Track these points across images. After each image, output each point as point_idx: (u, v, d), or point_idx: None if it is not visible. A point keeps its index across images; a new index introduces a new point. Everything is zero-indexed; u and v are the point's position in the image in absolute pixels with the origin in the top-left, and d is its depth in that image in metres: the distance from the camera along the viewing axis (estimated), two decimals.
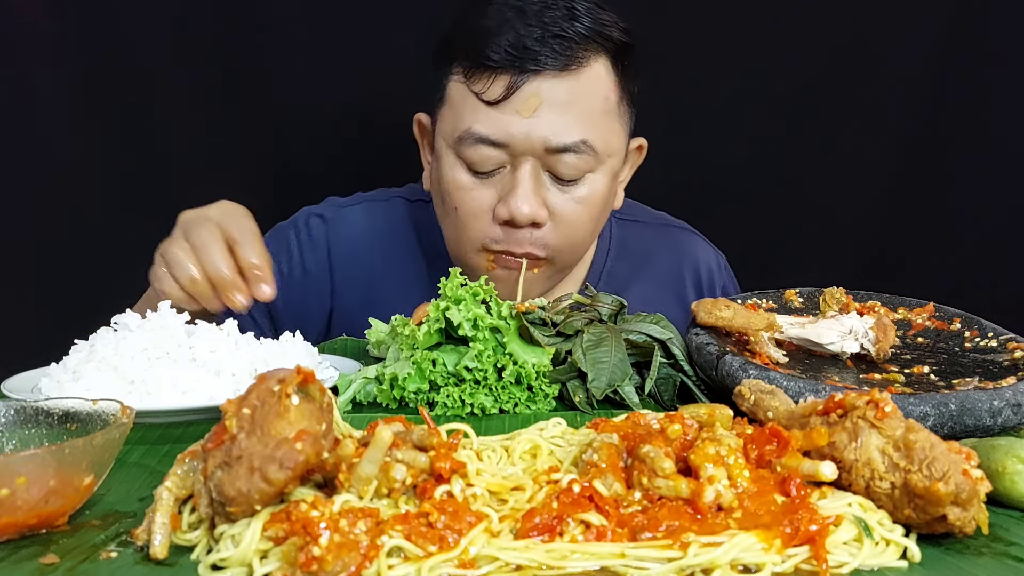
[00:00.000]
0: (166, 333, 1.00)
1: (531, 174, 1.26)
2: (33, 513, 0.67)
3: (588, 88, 1.26)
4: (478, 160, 1.26)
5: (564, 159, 1.25)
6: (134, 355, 0.96)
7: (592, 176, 1.30)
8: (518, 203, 1.25)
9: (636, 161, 1.47)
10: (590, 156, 1.27)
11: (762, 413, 0.79)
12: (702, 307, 1.09)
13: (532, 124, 1.23)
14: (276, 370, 0.67)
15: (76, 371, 0.96)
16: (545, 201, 1.28)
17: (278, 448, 0.62)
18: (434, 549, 0.60)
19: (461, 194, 1.29)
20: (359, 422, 0.90)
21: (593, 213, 1.32)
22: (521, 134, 1.23)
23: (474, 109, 1.25)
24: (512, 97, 1.23)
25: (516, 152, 1.25)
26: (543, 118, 1.23)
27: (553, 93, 1.24)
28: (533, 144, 1.24)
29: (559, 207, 1.29)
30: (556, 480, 0.69)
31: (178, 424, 0.97)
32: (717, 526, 0.63)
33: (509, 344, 1.03)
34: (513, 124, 1.23)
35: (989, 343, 1.12)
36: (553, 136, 1.24)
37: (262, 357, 1.02)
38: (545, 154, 1.25)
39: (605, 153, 1.30)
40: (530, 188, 1.25)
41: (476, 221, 1.30)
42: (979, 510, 0.66)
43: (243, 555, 0.61)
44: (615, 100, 1.31)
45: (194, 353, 0.98)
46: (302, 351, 1.09)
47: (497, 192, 1.28)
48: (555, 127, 1.24)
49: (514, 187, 1.26)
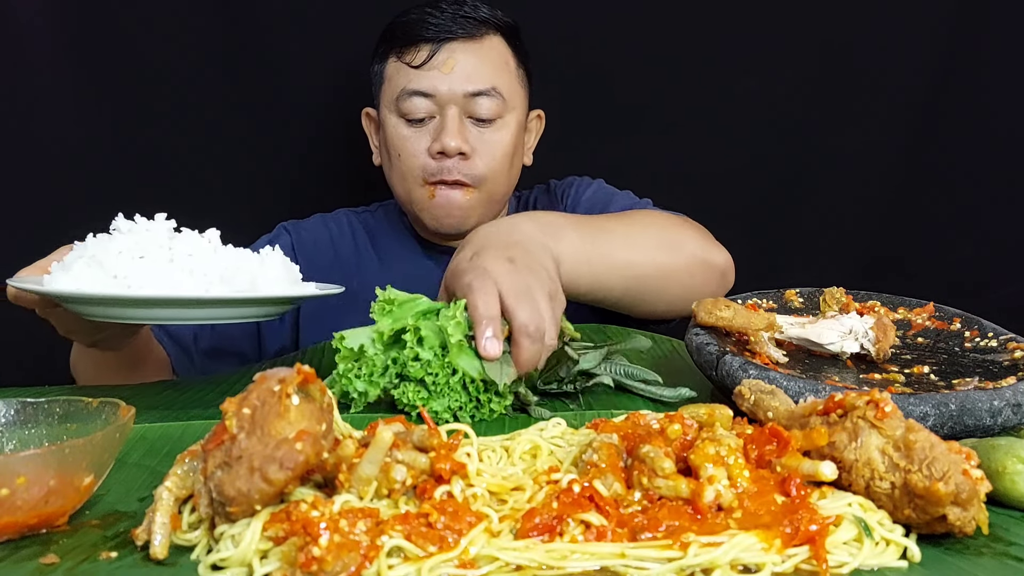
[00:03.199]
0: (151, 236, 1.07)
1: (455, 116, 1.57)
2: (33, 513, 0.67)
3: (491, 53, 1.61)
4: (412, 110, 1.58)
5: (480, 102, 1.57)
6: (120, 251, 1.03)
7: (502, 120, 1.61)
8: (447, 138, 1.55)
9: (538, 130, 1.78)
10: (500, 101, 1.59)
11: (762, 413, 0.79)
12: (702, 307, 1.09)
13: (451, 78, 1.56)
14: (276, 370, 0.67)
15: (68, 265, 1.04)
16: (469, 139, 1.58)
17: (278, 448, 0.62)
18: (434, 549, 0.60)
19: (402, 142, 1.60)
20: (359, 422, 0.90)
21: (507, 151, 1.62)
22: (444, 85, 1.56)
23: (407, 74, 1.59)
24: (433, 59, 1.57)
25: (441, 101, 1.57)
26: (459, 73, 1.57)
27: (464, 55, 1.58)
28: (454, 92, 1.56)
29: (480, 143, 1.59)
30: (556, 480, 0.69)
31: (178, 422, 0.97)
32: (717, 526, 0.63)
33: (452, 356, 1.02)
34: (436, 78, 1.56)
35: (989, 343, 1.12)
36: (469, 84, 1.56)
37: (236, 263, 1.08)
38: (464, 100, 1.57)
39: (510, 102, 1.62)
40: (455, 127, 1.56)
41: (415, 160, 1.60)
42: (979, 510, 0.66)
43: (243, 555, 0.61)
44: (513, 65, 1.64)
45: (173, 255, 1.05)
46: (279, 263, 1.12)
47: (430, 136, 1.59)
48: (470, 77, 1.57)
49: (443, 127, 1.57)
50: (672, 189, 1.94)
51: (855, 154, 2.00)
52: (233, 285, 1.05)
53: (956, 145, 1.98)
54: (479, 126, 1.59)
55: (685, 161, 1.98)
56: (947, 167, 2.00)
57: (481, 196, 1.62)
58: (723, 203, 2.01)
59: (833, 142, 2.00)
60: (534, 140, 1.78)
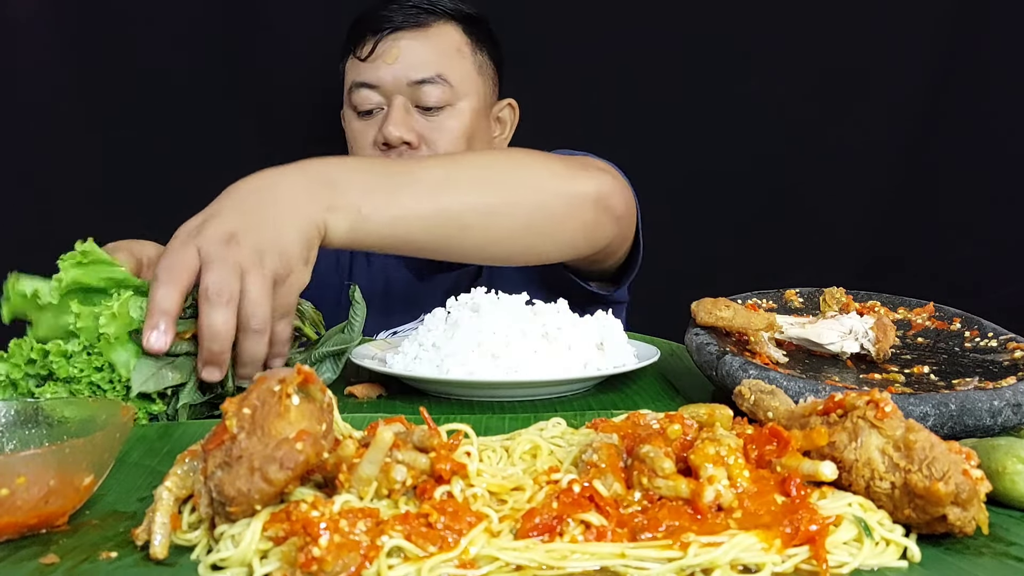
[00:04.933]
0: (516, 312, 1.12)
1: (400, 106, 1.58)
2: (33, 513, 0.67)
3: (439, 40, 1.61)
4: (360, 102, 1.60)
5: (426, 90, 1.58)
6: (495, 331, 1.08)
7: (453, 108, 1.60)
8: (389, 127, 1.56)
9: (513, 120, 1.78)
10: (447, 88, 1.59)
11: (762, 413, 0.79)
12: (702, 307, 1.09)
13: (396, 67, 1.59)
14: (276, 370, 0.67)
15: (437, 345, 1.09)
16: (415, 128, 1.58)
17: (278, 448, 0.62)
18: (434, 549, 0.60)
19: (354, 134, 1.64)
20: (359, 422, 0.90)
21: (459, 138, 1.61)
22: (388, 75, 1.59)
23: (356, 67, 1.63)
24: (377, 50, 1.59)
25: (386, 91, 1.59)
26: (403, 62, 1.59)
27: (410, 44, 1.59)
28: (398, 81, 1.58)
29: (428, 132, 1.59)
30: (556, 480, 0.69)
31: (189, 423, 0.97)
32: (717, 526, 0.62)
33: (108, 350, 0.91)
34: (381, 69, 1.59)
35: (989, 343, 1.12)
36: (413, 72, 1.58)
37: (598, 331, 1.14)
38: (409, 89, 1.58)
39: (461, 89, 1.61)
40: (399, 116, 1.57)
41: (363, 151, 1.62)
42: (979, 510, 0.66)
43: (243, 555, 0.61)
44: (468, 52, 1.64)
45: (545, 330, 1.10)
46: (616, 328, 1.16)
47: (378, 126, 1.60)
48: (414, 66, 1.58)
49: (387, 116, 1.59)
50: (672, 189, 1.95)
51: (855, 154, 2.00)
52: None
53: (956, 145, 1.98)
54: (427, 115, 1.59)
55: (685, 161, 1.99)
56: (947, 167, 2.00)
57: None
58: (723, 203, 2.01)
59: (833, 142, 2.00)
60: (509, 131, 1.78)
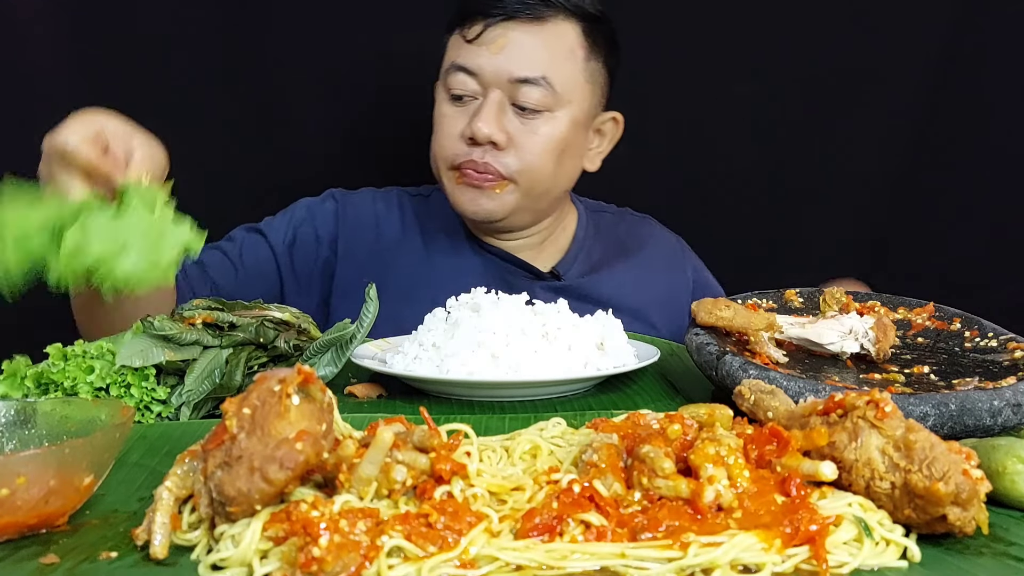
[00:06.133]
0: (516, 312, 1.12)
1: (495, 101, 1.46)
2: (33, 513, 0.67)
3: (553, 39, 1.48)
4: (455, 85, 1.49)
5: (526, 91, 1.46)
6: (495, 331, 1.08)
7: (551, 115, 1.49)
8: (479, 123, 1.45)
9: (614, 135, 1.65)
10: (550, 93, 1.47)
11: (762, 413, 0.79)
12: (702, 307, 1.09)
13: (499, 59, 1.46)
14: (276, 370, 0.67)
15: (437, 344, 1.10)
16: (506, 128, 1.47)
17: (278, 448, 0.62)
18: (434, 549, 0.60)
19: (441, 119, 1.52)
20: (359, 422, 0.90)
21: (551, 148, 1.50)
22: (489, 65, 1.46)
23: (459, 47, 1.50)
24: (484, 35, 1.46)
25: (485, 82, 1.47)
26: (509, 55, 1.46)
27: (519, 37, 1.46)
28: (499, 74, 1.46)
29: (519, 135, 1.48)
30: (556, 480, 0.69)
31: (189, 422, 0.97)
32: (717, 526, 0.63)
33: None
34: (483, 57, 1.46)
35: (989, 343, 1.12)
36: (517, 69, 1.46)
37: (598, 331, 1.15)
38: (510, 85, 1.46)
39: (565, 96, 1.49)
40: (492, 113, 1.46)
41: (447, 140, 1.51)
42: (979, 510, 0.66)
43: (243, 555, 0.61)
44: (582, 56, 1.51)
45: (545, 330, 1.11)
46: (616, 328, 1.17)
47: (467, 118, 1.49)
48: (519, 62, 1.46)
49: (480, 109, 1.47)
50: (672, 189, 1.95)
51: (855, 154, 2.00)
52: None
53: (956, 145, 1.98)
54: (522, 115, 1.48)
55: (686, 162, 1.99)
56: (947, 167, 2.00)
57: (518, 192, 1.51)
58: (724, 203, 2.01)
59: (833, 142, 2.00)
60: (607, 145, 1.65)
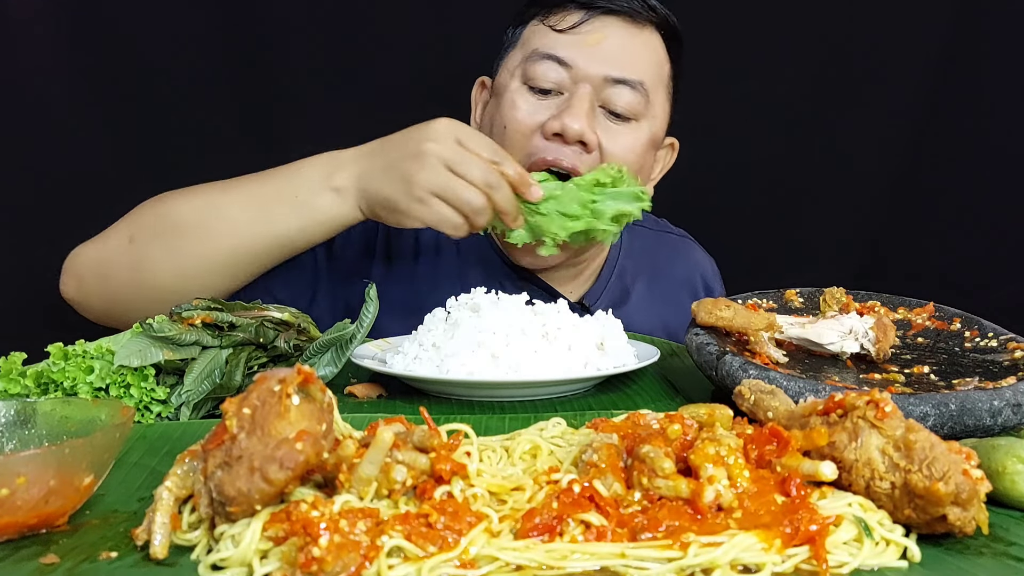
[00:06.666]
0: (516, 312, 1.11)
1: (587, 96, 1.32)
2: (33, 513, 0.67)
3: (647, 48, 1.38)
4: (540, 75, 1.33)
5: (620, 92, 1.33)
6: (495, 331, 1.07)
7: (637, 125, 1.37)
8: (571, 118, 1.30)
9: (667, 162, 1.55)
10: (643, 99, 1.35)
11: (762, 413, 0.79)
12: (702, 307, 1.09)
13: (596, 52, 1.32)
14: (276, 370, 0.67)
15: (437, 344, 1.09)
16: (596, 128, 1.33)
17: (278, 448, 0.62)
18: (434, 549, 0.60)
19: (514, 112, 1.35)
20: (359, 422, 0.90)
21: (632, 160, 1.37)
22: (584, 57, 1.32)
23: (545, 36, 1.35)
24: (581, 26, 1.33)
25: (577, 76, 1.32)
26: (607, 50, 1.33)
27: (619, 34, 1.34)
28: (595, 69, 1.32)
29: (607, 141, 1.34)
30: (556, 480, 0.69)
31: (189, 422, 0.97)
32: (717, 526, 0.63)
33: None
34: (578, 48, 1.32)
35: (989, 343, 1.12)
36: (615, 67, 1.33)
37: (598, 331, 1.13)
38: (603, 84, 1.33)
39: (653, 108, 1.38)
40: (585, 109, 1.31)
41: (522, 135, 1.35)
42: (979, 510, 0.66)
43: (243, 555, 0.61)
44: (667, 72, 1.42)
45: (545, 330, 1.10)
46: (616, 328, 1.16)
47: (550, 112, 1.34)
48: (618, 60, 1.33)
49: (571, 104, 1.32)
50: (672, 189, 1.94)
51: (855, 155, 2.01)
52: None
53: (956, 145, 1.99)
54: (611, 120, 1.35)
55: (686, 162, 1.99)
56: (947, 167, 2.01)
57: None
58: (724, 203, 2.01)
59: (834, 143, 2.01)
60: (659, 172, 1.54)
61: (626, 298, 1.58)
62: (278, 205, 1.24)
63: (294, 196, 1.24)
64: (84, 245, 1.34)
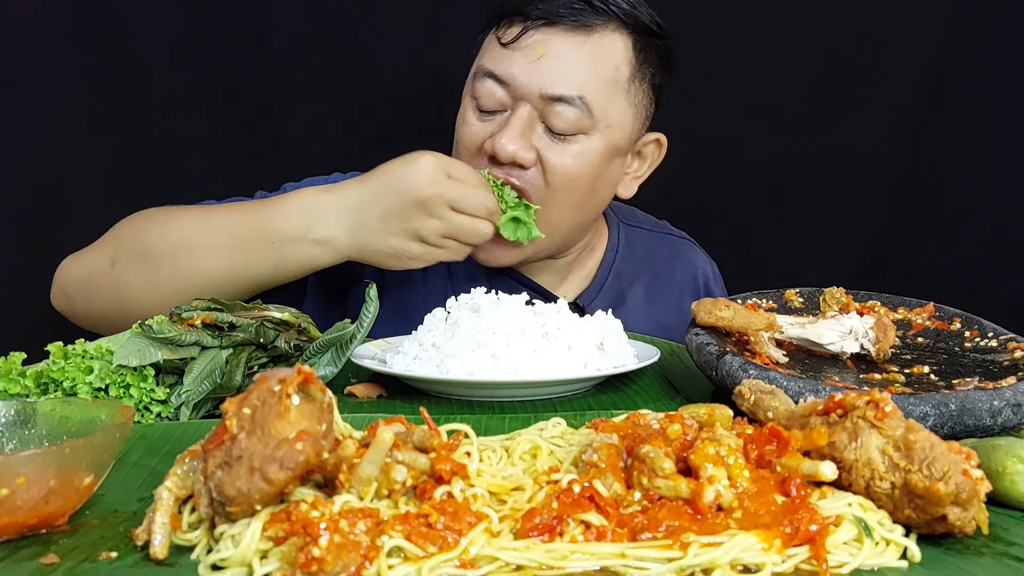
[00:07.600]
0: (516, 312, 1.11)
1: (524, 118, 1.31)
2: (33, 513, 0.67)
3: (598, 53, 1.32)
4: (483, 95, 1.33)
5: (558, 110, 1.30)
6: (495, 331, 1.07)
7: (585, 138, 1.34)
8: (503, 140, 1.30)
9: (655, 158, 1.51)
10: (585, 115, 1.31)
11: (762, 413, 0.79)
12: (702, 307, 1.09)
13: (534, 69, 1.30)
14: (276, 370, 0.67)
15: (437, 344, 1.09)
16: (535, 147, 1.32)
17: (278, 448, 0.62)
18: (434, 549, 0.60)
19: (463, 128, 1.37)
20: (359, 422, 0.90)
21: (582, 174, 1.35)
22: (522, 76, 1.30)
23: (492, 50, 1.35)
24: (521, 39, 1.31)
25: (516, 94, 1.32)
26: (547, 66, 1.30)
27: (561, 47, 1.31)
28: (531, 88, 1.30)
29: (548, 157, 1.33)
30: (556, 480, 0.69)
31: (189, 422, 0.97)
32: (717, 526, 0.63)
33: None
34: (517, 65, 1.31)
35: (989, 343, 1.12)
36: (551, 85, 1.30)
37: (598, 331, 1.14)
38: (542, 102, 1.31)
39: (602, 119, 1.33)
40: (518, 129, 1.30)
41: (467, 153, 1.36)
42: (979, 510, 0.66)
43: (243, 555, 0.61)
44: (626, 75, 1.36)
45: (545, 330, 1.10)
46: (616, 328, 1.16)
47: (493, 131, 1.34)
48: (555, 77, 1.30)
49: (507, 125, 1.32)
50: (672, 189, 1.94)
51: (855, 154, 2.00)
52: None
53: (956, 145, 1.98)
54: (552, 137, 1.33)
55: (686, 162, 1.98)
56: (947, 167, 2.00)
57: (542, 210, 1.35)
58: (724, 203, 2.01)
59: (833, 142, 2.00)
60: (647, 169, 1.51)
61: (622, 301, 1.58)
62: (253, 250, 1.24)
63: (270, 242, 1.24)
64: (70, 259, 1.35)
